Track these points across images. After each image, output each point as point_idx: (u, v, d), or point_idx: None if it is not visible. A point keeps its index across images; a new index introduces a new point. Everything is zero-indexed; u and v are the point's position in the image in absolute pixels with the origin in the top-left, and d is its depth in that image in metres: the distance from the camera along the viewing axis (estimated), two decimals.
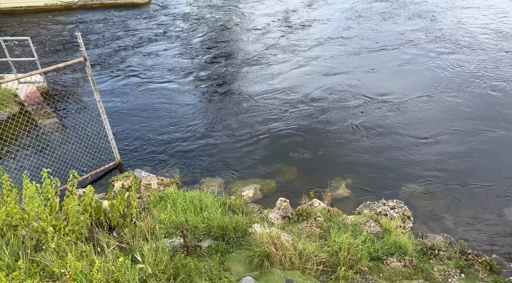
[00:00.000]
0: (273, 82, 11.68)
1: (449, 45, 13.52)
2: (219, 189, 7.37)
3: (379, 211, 5.93)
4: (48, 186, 4.60)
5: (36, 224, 4.05)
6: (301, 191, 7.18)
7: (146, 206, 6.17)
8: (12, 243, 3.96)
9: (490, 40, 13.73)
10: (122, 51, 14.62)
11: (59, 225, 4.28)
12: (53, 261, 3.63)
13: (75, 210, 4.35)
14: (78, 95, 11.39)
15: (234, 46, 14.72)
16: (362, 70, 12.20)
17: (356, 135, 8.94)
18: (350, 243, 4.85)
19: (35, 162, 8.00)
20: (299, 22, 16.91)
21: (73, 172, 4.83)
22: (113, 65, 13.41)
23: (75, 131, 9.02)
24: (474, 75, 11.33)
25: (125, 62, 13.60)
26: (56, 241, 3.81)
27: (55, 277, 3.62)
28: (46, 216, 4.12)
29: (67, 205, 4.52)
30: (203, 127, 9.63)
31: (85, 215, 4.52)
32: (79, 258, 3.81)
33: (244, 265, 4.81)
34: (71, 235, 4.29)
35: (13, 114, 9.66)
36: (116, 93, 11.50)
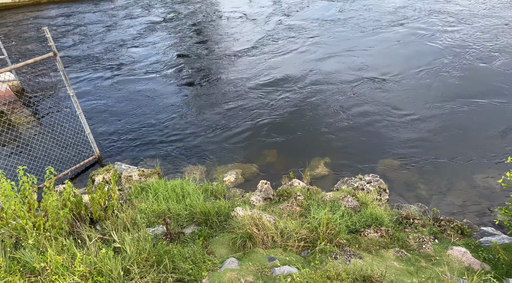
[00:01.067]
0: (253, 69, 11.66)
1: (439, 22, 13.67)
2: (201, 176, 7.43)
3: (356, 186, 6.10)
4: (25, 183, 4.58)
5: (14, 222, 4.05)
6: (281, 173, 7.30)
7: (128, 197, 6.20)
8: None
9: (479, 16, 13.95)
10: (96, 45, 14.32)
11: (39, 221, 4.29)
12: (33, 257, 3.65)
13: (54, 205, 4.36)
14: (53, 91, 11.17)
15: (213, 35, 14.57)
16: (345, 52, 12.24)
17: (336, 116, 9.06)
18: (328, 218, 5.00)
19: (14, 161, 7.89)
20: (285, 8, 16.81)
21: (50, 168, 4.81)
22: (88, 59, 13.15)
23: (52, 128, 8.89)
24: (463, 50, 11.48)
25: (99, 56, 13.34)
26: (34, 237, 3.83)
27: (37, 272, 3.66)
28: (24, 213, 4.12)
29: (46, 201, 4.52)
30: (183, 116, 9.60)
31: (64, 210, 4.53)
32: (60, 252, 3.84)
33: (228, 247, 4.92)
34: (52, 230, 4.30)
35: None
36: (92, 87, 11.32)
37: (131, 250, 4.04)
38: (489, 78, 9.88)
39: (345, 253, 4.39)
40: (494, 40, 11.71)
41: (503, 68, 10.26)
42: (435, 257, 4.40)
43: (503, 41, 11.62)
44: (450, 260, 4.33)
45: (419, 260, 4.35)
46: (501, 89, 9.35)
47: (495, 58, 10.75)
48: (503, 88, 9.41)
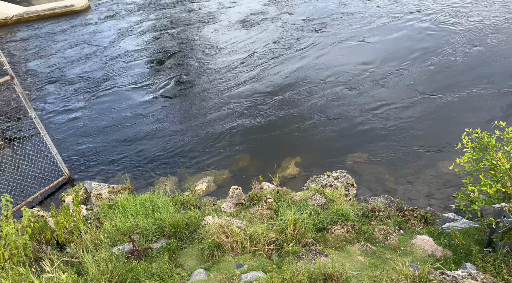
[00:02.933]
0: (224, 78, 11.56)
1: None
2: (172, 187, 7.37)
3: (325, 183, 6.13)
4: None
5: None
6: (254, 177, 7.29)
7: (97, 216, 6.11)
8: None
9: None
10: (61, 62, 14.08)
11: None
12: None
13: (11, 234, 4.26)
14: (16, 115, 10.93)
15: (189, 44, 14.44)
16: (321, 51, 12.29)
17: (306, 115, 9.09)
18: (296, 219, 5.01)
19: None
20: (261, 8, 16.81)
21: (6, 196, 4.70)
22: (52, 78, 12.91)
23: (17, 152, 8.70)
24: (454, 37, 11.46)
25: (64, 74, 13.11)
26: None
27: None
28: None
29: (4, 230, 4.42)
30: (154, 129, 9.50)
31: (24, 237, 4.43)
32: (17, 282, 3.76)
33: (197, 258, 4.89)
34: (12, 259, 4.21)
35: None
36: (61, 107, 11.10)
37: (93, 272, 3.98)
38: (477, 66, 9.82)
39: (311, 252, 4.41)
40: (495, 28, 11.62)
41: (497, 56, 10.16)
42: (399, 248, 4.46)
43: (504, 27, 11.52)
44: (414, 249, 4.39)
45: (384, 252, 4.39)
46: (490, 77, 9.28)
47: (489, 46, 10.67)
48: (492, 75, 9.32)
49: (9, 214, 4.64)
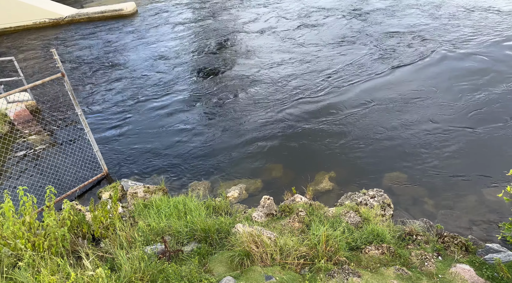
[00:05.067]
0: (260, 82, 11.68)
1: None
2: (204, 192, 7.43)
3: (360, 201, 5.98)
4: (26, 203, 4.68)
5: (11, 242, 4.13)
6: (286, 188, 7.22)
7: (131, 214, 6.25)
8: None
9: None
10: (108, 63, 14.69)
11: (38, 241, 4.36)
12: (27, 278, 3.71)
13: (51, 225, 4.43)
14: (65, 110, 11.47)
15: (220, 49, 14.73)
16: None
17: (344, 129, 8.92)
18: (329, 235, 4.91)
19: (25, 181, 8.10)
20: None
21: (50, 188, 4.91)
22: (99, 78, 13.47)
23: (63, 146, 9.11)
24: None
25: (111, 74, 13.67)
26: (27, 257, 3.88)
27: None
28: (22, 233, 4.20)
29: (46, 221, 4.61)
30: (190, 132, 9.68)
31: (63, 229, 4.59)
32: (55, 272, 3.88)
33: (226, 265, 4.88)
34: (50, 250, 4.37)
35: (3, 134, 9.75)
36: (104, 106, 11.56)
37: (126, 269, 4.06)
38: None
39: (343, 271, 4.29)
40: None
41: None
42: (437, 275, 4.25)
43: None
44: (453, 278, 4.17)
45: (421, 278, 4.20)
46: None
47: None
48: None
49: (51, 206, 4.83)
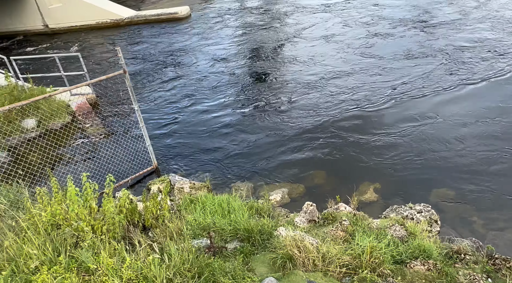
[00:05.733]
0: (315, 89, 11.64)
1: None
2: (247, 193, 7.57)
3: (406, 215, 5.87)
4: (88, 189, 5.06)
5: (75, 224, 4.48)
6: (329, 195, 7.21)
7: (178, 208, 6.52)
8: (56, 240, 4.41)
9: None
10: (163, 63, 15.38)
11: (97, 225, 4.70)
12: (88, 258, 4.01)
13: (111, 211, 4.75)
14: (121, 105, 12.16)
15: (276, 54, 14.90)
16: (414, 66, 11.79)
17: (396, 141, 8.74)
18: (373, 246, 4.87)
19: (83, 166, 8.68)
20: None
21: (110, 176, 5.26)
22: (155, 77, 14.15)
23: (118, 138, 9.66)
24: None
25: (166, 74, 14.31)
26: (90, 239, 4.20)
27: (90, 272, 4.01)
28: (85, 216, 4.55)
29: (104, 207, 4.95)
30: (237, 134, 9.92)
31: (120, 216, 4.91)
32: (112, 255, 4.17)
33: (268, 266, 4.98)
34: (107, 234, 4.69)
35: (66, 124, 10.54)
36: (157, 103, 12.15)
37: (175, 260, 4.27)
38: None
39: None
40: None
41: None
42: None
43: None
44: None
45: None
46: None
47: None
48: None
49: (110, 193, 5.17)
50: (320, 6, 19.97)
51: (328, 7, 19.58)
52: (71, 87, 7.29)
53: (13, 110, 9.65)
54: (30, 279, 3.71)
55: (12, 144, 9.50)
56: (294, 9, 20.21)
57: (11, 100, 10.38)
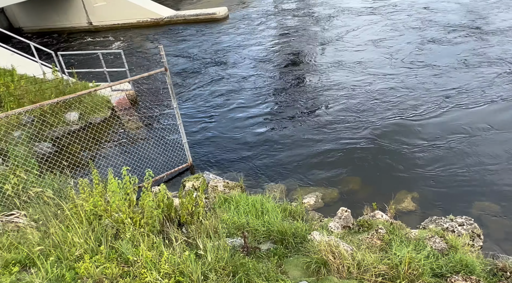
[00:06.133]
0: (357, 95, 11.43)
1: None
2: (280, 195, 7.54)
3: (446, 227, 5.64)
4: (127, 182, 5.20)
5: (116, 215, 4.61)
6: (363, 202, 7.06)
7: (212, 206, 6.58)
8: (97, 230, 4.56)
9: None
10: (202, 63, 15.64)
11: (136, 217, 4.81)
12: (128, 249, 4.12)
13: (149, 205, 4.86)
14: (160, 102, 12.47)
15: (318, 58, 14.77)
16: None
17: (440, 151, 8.41)
18: (411, 257, 4.72)
19: (121, 160, 8.94)
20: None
21: (149, 171, 5.38)
22: (194, 76, 14.41)
23: (155, 134, 9.90)
24: None
25: (203, 73, 14.53)
26: (131, 231, 4.31)
27: (129, 263, 4.11)
28: (125, 209, 4.67)
29: (143, 200, 5.06)
30: (272, 136, 9.91)
31: (158, 211, 5.01)
32: (150, 248, 4.26)
33: (301, 270, 4.93)
34: (145, 227, 4.79)
35: (106, 118, 10.92)
36: (194, 101, 12.37)
37: (211, 257, 4.30)
38: None
39: None
40: None
41: None
42: None
43: None
44: None
45: None
46: None
47: None
48: None
49: (149, 187, 5.29)
50: (366, 8, 19.58)
51: (375, 10, 19.15)
52: (115, 83, 7.53)
53: (59, 103, 10.08)
54: (74, 266, 3.85)
55: (55, 135, 9.93)
56: (336, 12, 19.97)
57: (57, 93, 10.87)
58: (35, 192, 5.17)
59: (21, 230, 4.74)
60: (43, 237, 4.29)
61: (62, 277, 3.60)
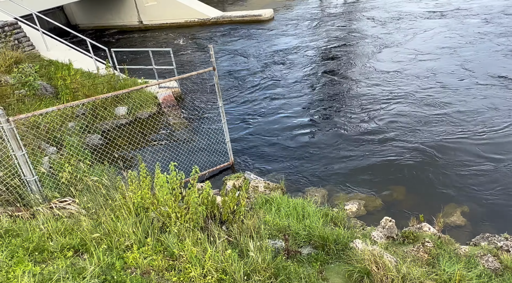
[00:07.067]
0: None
1: None
2: (321, 200, 7.43)
3: (500, 246, 5.30)
4: (174, 177, 5.32)
5: (163, 209, 4.73)
6: (408, 213, 6.81)
7: (253, 206, 6.61)
8: (144, 222, 4.70)
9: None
10: (248, 63, 15.78)
11: (181, 212, 4.92)
12: (174, 243, 4.21)
13: (194, 201, 4.95)
14: (204, 100, 12.71)
15: (353, 61, 14.53)
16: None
17: (485, 159, 8.01)
18: (462, 275, 4.48)
19: (165, 155, 9.19)
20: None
21: (195, 168, 5.48)
22: (239, 77, 14.57)
23: (199, 132, 10.10)
24: None
25: (250, 75, 14.65)
26: (177, 226, 4.40)
27: (174, 257, 4.20)
28: (171, 203, 4.79)
29: (188, 196, 5.15)
30: (315, 138, 9.80)
31: (202, 207, 5.09)
32: (194, 244, 4.33)
33: (343, 278, 4.82)
34: (190, 222, 4.88)
35: (152, 114, 11.29)
36: (239, 101, 12.50)
37: (255, 257, 4.31)
38: None
39: None
40: None
41: None
42: None
43: None
44: None
45: None
46: None
47: None
48: None
49: (194, 183, 5.38)
50: (428, 13, 18.75)
51: (438, 14, 18.29)
52: (164, 80, 7.76)
53: (110, 98, 10.53)
54: (123, 255, 3.99)
55: (105, 128, 10.38)
56: (390, 16, 19.37)
57: (109, 88, 11.37)
58: (90, 180, 5.42)
59: (74, 217, 4.99)
60: (95, 225, 4.49)
61: (112, 265, 3.75)
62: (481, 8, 18.09)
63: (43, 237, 4.14)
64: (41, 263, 3.67)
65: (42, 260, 3.76)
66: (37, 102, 10.60)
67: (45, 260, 3.76)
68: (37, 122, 8.42)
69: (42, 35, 14.76)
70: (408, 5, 20.56)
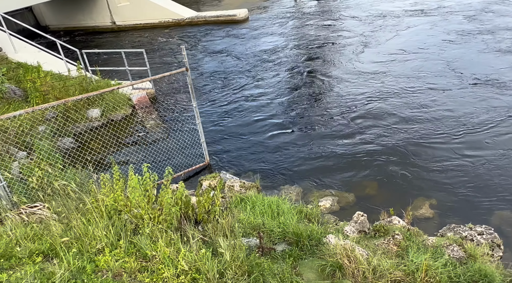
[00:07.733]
0: (371, 94, 11.42)
1: None
2: (296, 197, 7.55)
3: (465, 236, 5.54)
4: (147, 179, 5.30)
5: (136, 211, 4.71)
6: (379, 207, 7.00)
7: (228, 205, 6.64)
8: (116, 225, 4.66)
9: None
10: (222, 63, 15.77)
11: (154, 214, 4.91)
12: (146, 245, 4.20)
13: (168, 202, 4.95)
14: (179, 101, 12.63)
15: (331, 61, 14.71)
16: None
17: (452, 153, 8.34)
18: (429, 265, 4.66)
19: (140, 157, 9.12)
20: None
21: (169, 169, 5.48)
22: (214, 77, 14.54)
23: (173, 133, 10.04)
24: None
25: (224, 74, 14.65)
26: (150, 227, 4.40)
27: (147, 259, 4.20)
28: (144, 204, 4.77)
29: (162, 197, 5.15)
30: (292, 137, 9.92)
31: (176, 208, 5.09)
32: (168, 244, 4.34)
33: (316, 273, 4.93)
34: (163, 223, 4.88)
35: (126, 115, 11.14)
36: (215, 102, 12.49)
37: (227, 256, 4.35)
38: None
39: None
40: None
41: None
42: None
43: None
44: None
45: None
46: None
47: None
48: None
49: (168, 184, 5.38)
50: (405, 11, 19.02)
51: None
52: (137, 81, 7.69)
53: (82, 100, 10.33)
54: (94, 259, 3.96)
55: (77, 131, 10.18)
56: (365, 15, 19.72)
57: (81, 90, 11.15)
58: (59, 184, 5.33)
59: (44, 222, 4.90)
60: (65, 230, 4.43)
61: (83, 269, 3.71)
62: (460, 6, 18.53)
63: (10, 243, 4.06)
64: (8, 270, 3.60)
65: (9, 266, 3.68)
66: (5, 105, 10.29)
67: (12, 266, 3.69)
68: (4, 126, 8.19)
69: (9, 36, 14.31)
70: (382, 5, 21.00)
